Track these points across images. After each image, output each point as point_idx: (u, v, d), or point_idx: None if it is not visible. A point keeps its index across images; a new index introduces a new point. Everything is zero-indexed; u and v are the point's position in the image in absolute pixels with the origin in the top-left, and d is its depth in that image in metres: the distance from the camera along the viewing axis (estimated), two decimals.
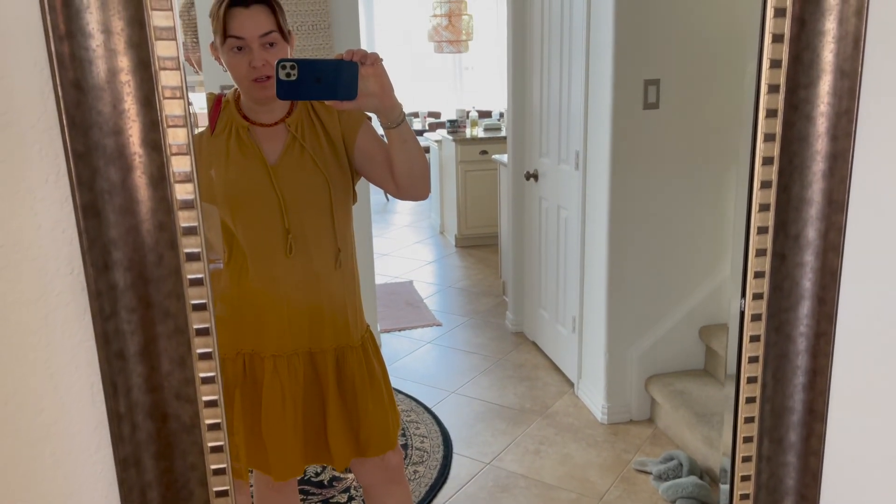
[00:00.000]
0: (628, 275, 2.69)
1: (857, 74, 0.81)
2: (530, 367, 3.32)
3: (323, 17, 2.85)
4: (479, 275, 4.73)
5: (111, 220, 0.71)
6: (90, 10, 0.66)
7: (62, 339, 0.75)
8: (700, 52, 2.51)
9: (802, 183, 0.83)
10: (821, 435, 0.90)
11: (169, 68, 0.69)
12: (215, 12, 1.33)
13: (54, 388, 0.75)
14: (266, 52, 1.34)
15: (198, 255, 0.74)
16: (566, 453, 2.60)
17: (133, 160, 0.70)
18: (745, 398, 0.89)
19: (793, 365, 0.88)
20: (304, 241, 1.45)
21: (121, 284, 0.72)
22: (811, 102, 0.81)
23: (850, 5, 0.79)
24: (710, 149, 2.60)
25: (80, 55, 0.67)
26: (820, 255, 0.85)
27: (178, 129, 0.71)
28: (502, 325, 3.82)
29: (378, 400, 1.58)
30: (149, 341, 0.74)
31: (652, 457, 2.54)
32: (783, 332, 0.88)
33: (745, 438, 0.91)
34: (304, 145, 1.44)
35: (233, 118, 1.44)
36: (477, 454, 2.61)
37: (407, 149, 1.38)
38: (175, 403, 0.76)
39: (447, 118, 6.12)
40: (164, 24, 0.68)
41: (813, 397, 0.89)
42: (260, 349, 1.49)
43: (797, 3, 0.79)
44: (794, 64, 0.80)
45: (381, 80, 1.24)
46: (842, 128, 0.82)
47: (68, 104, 0.68)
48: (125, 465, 0.76)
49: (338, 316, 1.53)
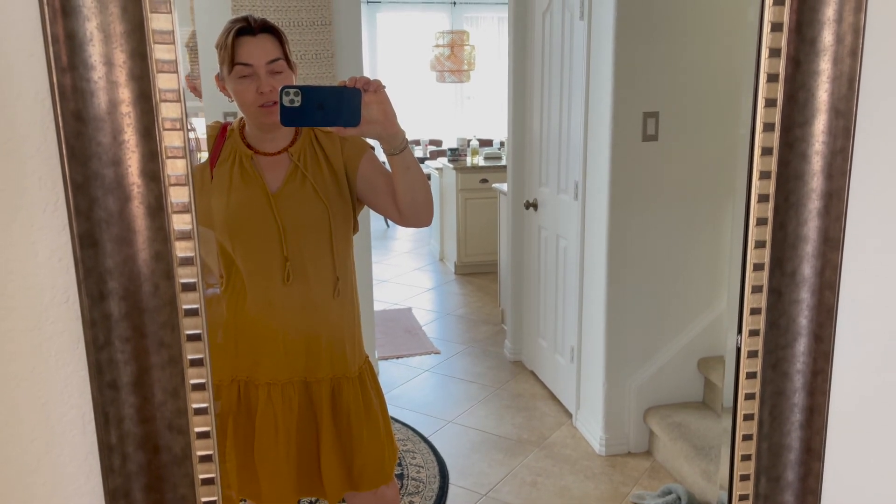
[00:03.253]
0: (627, 305, 2.68)
1: (852, 114, 0.81)
2: (528, 396, 3.30)
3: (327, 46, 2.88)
4: (477, 303, 4.72)
5: (108, 249, 0.71)
6: (93, 43, 0.67)
7: (55, 368, 0.74)
8: (699, 86, 2.54)
9: (798, 220, 0.83)
10: (818, 474, 0.89)
11: (169, 100, 0.70)
12: (223, 42, 1.35)
13: (46, 417, 0.75)
14: (273, 78, 1.36)
15: (194, 285, 0.74)
16: (563, 485, 2.57)
17: (131, 190, 0.70)
18: (742, 435, 0.88)
19: (790, 402, 0.88)
20: (302, 269, 1.45)
21: (115, 314, 0.72)
22: (806, 141, 0.82)
23: (844, 46, 0.80)
24: (709, 181, 2.61)
25: (82, 87, 0.67)
26: (816, 292, 0.85)
27: (177, 160, 0.71)
28: (500, 353, 3.80)
29: (374, 433, 1.56)
30: (142, 371, 0.74)
31: (650, 490, 2.51)
32: (780, 370, 0.87)
33: (742, 476, 0.90)
34: (307, 174, 1.44)
35: (237, 146, 1.45)
36: (473, 485, 2.58)
37: (410, 176, 1.39)
38: (167, 435, 0.76)
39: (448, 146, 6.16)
40: (166, 56, 0.69)
41: (810, 435, 0.88)
42: (255, 377, 1.49)
43: (792, 44, 0.80)
44: (789, 103, 0.81)
45: (383, 106, 1.25)
46: (837, 166, 0.82)
47: (69, 135, 0.68)
48: (114, 496, 0.76)
49: (335, 345, 1.52)
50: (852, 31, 0.80)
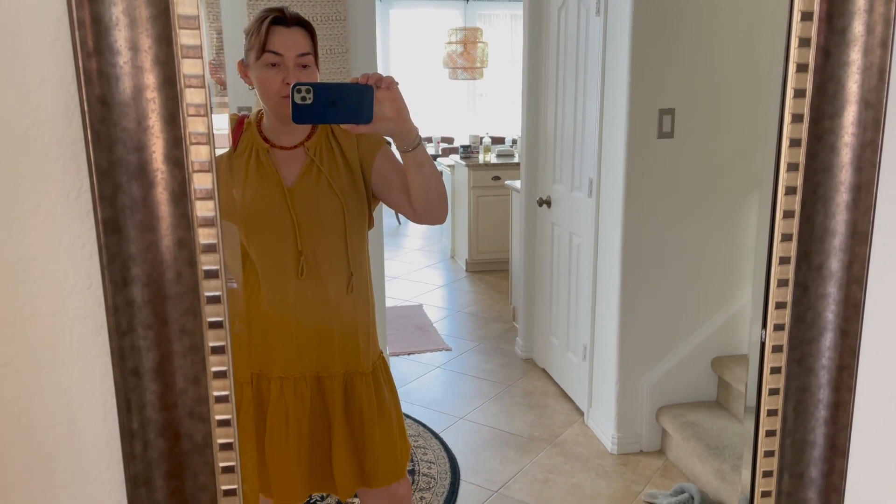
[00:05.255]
0: (640, 303, 2.67)
1: (882, 105, 0.80)
2: (540, 394, 3.29)
3: (341, 41, 2.88)
4: (489, 300, 4.71)
5: (131, 235, 0.71)
6: (119, 28, 0.67)
7: (77, 354, 0.74)
8: (716, 83, 2.52)
9: (826, 213, 0.82)
10: (842, 471, 0.88)
11: (194, 86, 0.69)
12: (255, 28, 1.36)
13: (67, 403, 0.75)
14: (299, 72, 1.37)
15: (216, 272, 0.73)
16: (575, 483, 2.56)
17: (155, 176, 0.70)
18: (766, 431, 0.87)
19: (814, 398, 0.87)
20: (316, 263, 1.45)
21: (138, 300, 0.72)
22: (835, 133, 0.80)
23: (875, 37, 0.79)
24: (725, 179, 2.59)
25: (108, 72, 0.67)
26: (843, 286, 0.84)
27: (200, 147, 0.71)
28: (512, 351, 3.79)
29: (386, 429, 1.56)
30: (164, 358, 0.74)
31: (662, 489, 2.50)
32: (805, 365, 0.86)
33: (765, 473, 0.89)
34: (322, 169, 1.44)
35: (254, 140, 1.45)
36: (484, 482, 2.57)
37: (423, 172, 1.38)
38: (188, 422, 0.75)
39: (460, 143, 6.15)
40: (191, 42, 0.69)
41: (835, 432, 0.87)
42: (267, 371, 1.48)
43: (822, 34, 0.79)
44: (818, 94, 0.80)
45: (396, 103, 1.25)
46: (866, 159, 0.81)
47: (93, 120, 0.68)
48: (135, 483, 0.76)
49: (348, 341, 1.52)
50: (883, 20, 0.79)
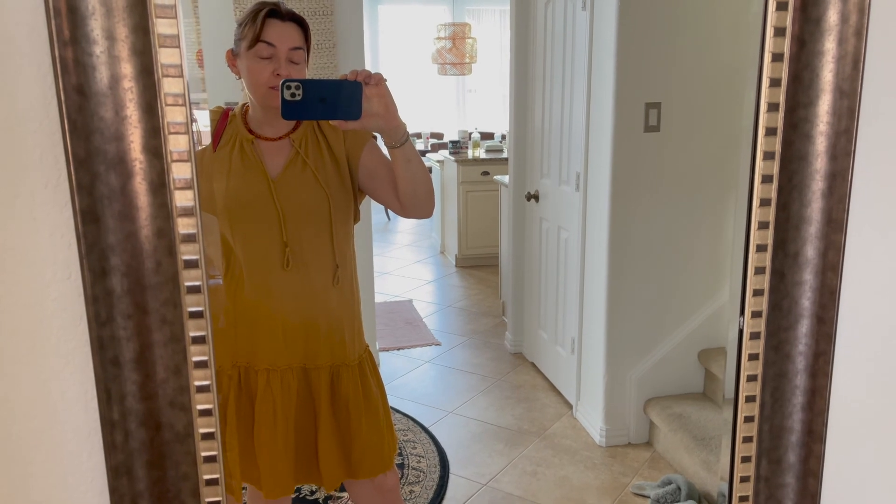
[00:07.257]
0: (628, 297, 2.68)
1: (857, 94, 0.81)
2: (529, 387, 3.30)
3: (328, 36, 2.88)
4: (478, 295, 4.72)
5: (110, 225, 0.71)
6: (95, 17, 0.67)
7: (57, 344, 0.74)
8: (701, 77, 2.53)
9: (801, 201, 0.83)
10: (819, 456, 0.89)
11: (172, 75, 0.69)
12: (250, 19, 1.37)
13: (47, 393, 0.75)
14: (289, 66, 1.38)
15: (196, 262, 0.74)
16: (563, 475, 2.57)
17: (133, 166, 0.70)
18: (744, 417, 0.88)
19: (792, 384, 0.88)
20: (301, 255, 1.45)
21: (118, 290, 0.72)
22: (810, 121, 0.81)
23: (849, 26, 0.80)
24: (710, 172, 2.61)
25: (84, 61, 0.67)
26: (819, 273, 0.85)
27: (179, 136, 0.71)
28: (501, 345, 3.81)
29: (373, 421, 1.56)
30: (144, 348, 0.74)
31: (650, 480, 2.52)
32: (782, 351, 0.87)
33: (744, 458, 0.90)
34: (307, 161, 1.44)
35: (238, 131, 1.45)
36: (474, 475, 2.58)
37: (410, 168, 1.39)
38: (169, 412, 0.76)
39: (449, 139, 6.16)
40: (168, 31, 0.69)
41: (812, 417, 0.88)
42: (254, 363, 1.49)
43: (797, 23, 0.79)
44: (793, 83, 0.81)
45: (384, 99, 1.25)
46: (841, 147, 0.82)
47: (70, 109, 0.68)
48: (117, 473, 0.76)
49: (334, 333, 1.52)
50: (857, 10, 0.79)
